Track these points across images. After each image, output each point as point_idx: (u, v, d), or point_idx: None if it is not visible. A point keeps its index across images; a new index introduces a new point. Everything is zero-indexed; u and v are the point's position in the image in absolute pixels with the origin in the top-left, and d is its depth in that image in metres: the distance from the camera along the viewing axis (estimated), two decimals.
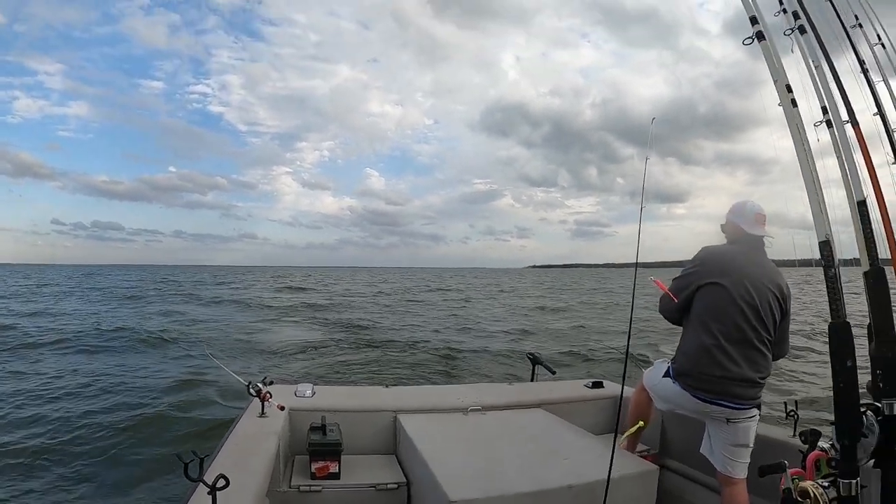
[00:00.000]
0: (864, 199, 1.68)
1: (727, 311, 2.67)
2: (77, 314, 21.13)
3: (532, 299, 35.25)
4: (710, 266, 2.77)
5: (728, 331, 2.65)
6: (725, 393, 2.65)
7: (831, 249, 1.50)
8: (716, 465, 2.77)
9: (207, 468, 2.12)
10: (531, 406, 3.71)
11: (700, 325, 2.75)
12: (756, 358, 2.67)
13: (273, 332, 17.09)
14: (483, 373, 10.75)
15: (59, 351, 12.17)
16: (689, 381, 2.75)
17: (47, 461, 5.63)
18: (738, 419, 2.69)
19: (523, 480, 2.52)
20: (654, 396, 3.06)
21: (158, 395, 8.32)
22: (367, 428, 3.37)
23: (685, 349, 2.83)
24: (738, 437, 2.70)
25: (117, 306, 25.25)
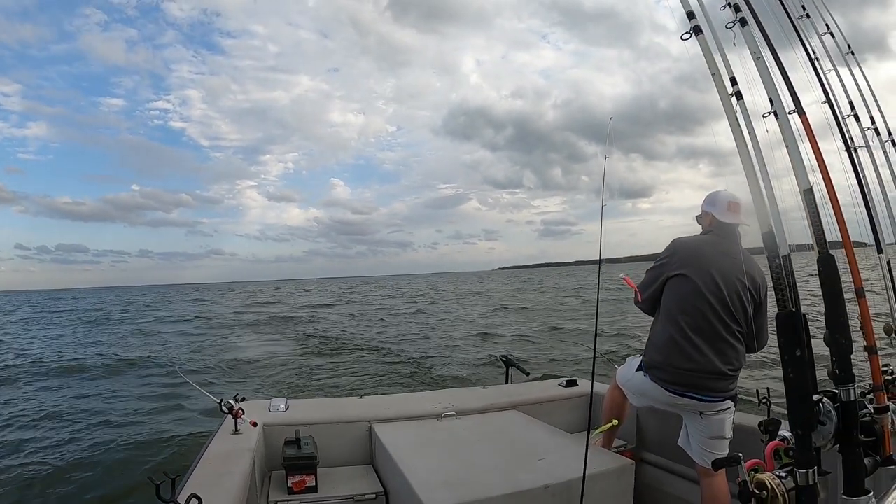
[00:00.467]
0: (811, 186, 1.66)
1: (694, 302, 2.64)
2: (42, 341, 20.91)
3: (500, 300, 35.47)
4: (679, 257, 2.75)
5: (695, 323, 2.63)
6: (695, 386, 2.63)
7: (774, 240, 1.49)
8: (694, 457, 2.76)
9: (181, 489, 2.11)
10: (505, 408, 3.70)
11: (668, 317, 2.73)
12: (725, 350, 2.64)
13: (244, 348, 16.97)
14: (457, 377, 10.71)
15: (26, 379, 11.95)
16: (659, 374, 2.74)
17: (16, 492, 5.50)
18: (711, 412, 2.67)
19: (499, 483, 2.50)
20: (629, 393, 3.03)
21: (129, 417, 8.25)
22: (342, 439, 3.33)
23: (654, 341, 2.81)
24: (713, 430, 2.68)
25: (87, 331, 25.01)
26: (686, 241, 2.87)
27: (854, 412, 1.55)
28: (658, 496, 3.28)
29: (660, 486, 3.31)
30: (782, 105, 1.82)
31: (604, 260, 2.55)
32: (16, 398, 9.86)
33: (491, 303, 33.11)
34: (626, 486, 2.76)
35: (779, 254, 1.46)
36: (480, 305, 31.71)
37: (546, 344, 15.06)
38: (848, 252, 1.91)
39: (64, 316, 35.52)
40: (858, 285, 2.07)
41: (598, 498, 2.53)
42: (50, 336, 22.66)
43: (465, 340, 16.66)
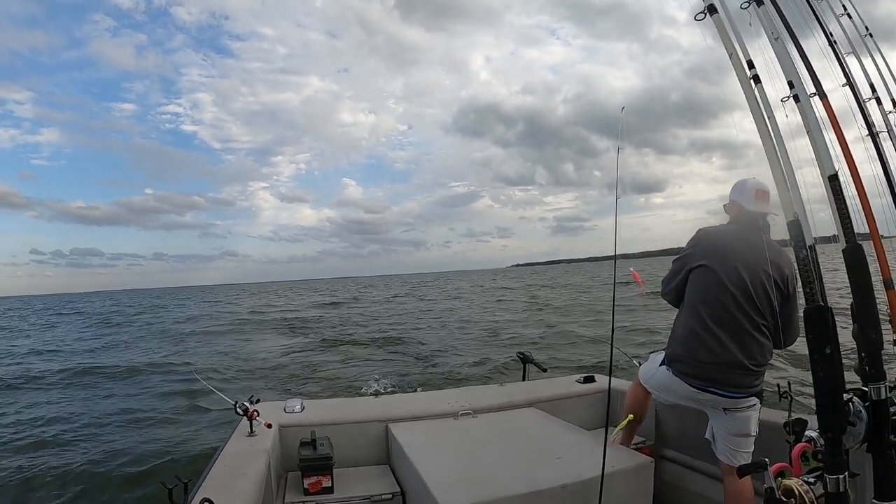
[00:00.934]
0: (836, 172, 1.54)
1: (716, 294, 2.53)
2: (60, 343, 21.19)
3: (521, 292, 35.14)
4: (702, 248, 2.64)
5: (717, 315, 2.52)
6: (717, 380, 2.52)
7: (801, 229, 1.37)
8: (718, 454, 2.65)
9: (195, 492, 2.07)
10: (522, 406, 3.61)
11: (690, 309, 2.63)
12: (748, 344, 2.51)
13: (259, 349, 17.01)
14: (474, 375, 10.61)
15: (42, 385, 12.01)
16: (680, 368, 2.63)
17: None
18: (735, 408, 2.55)
19: (516, 483, 2.43)
20: (652, 389, 2.93)
21: (145, 421, 8.23)
22: (358, 439, 3.27)
23: (676, 334, 2.71)
24: (738, 427, 2.57)
25: (106, 334, 25.26)
26: (710, 231, 2.74)
27: (886, 411, 1.42)
28: (678, 493, 3.18)
29: (680, 483, 3.21)
30: (803, 88, 1.71)
31: (618, 256, 2.46)
32: (31, 400, 9.97)
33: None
34: (646, 484, 2.67)
35: (805, 244, 1.35)
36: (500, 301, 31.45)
37: (560, 340, 14.90)
38: (876, 242, 1.80)
39: (80, 317, 35.88)
40: (887, 276, 1.95)
41: (617, 496, 2.45)
42: (68, 338, 22.91)
43: (481, 338, 16.54)
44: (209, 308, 41.30)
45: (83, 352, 18.15)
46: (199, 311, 38.33)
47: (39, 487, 5.73)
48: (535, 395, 3.76)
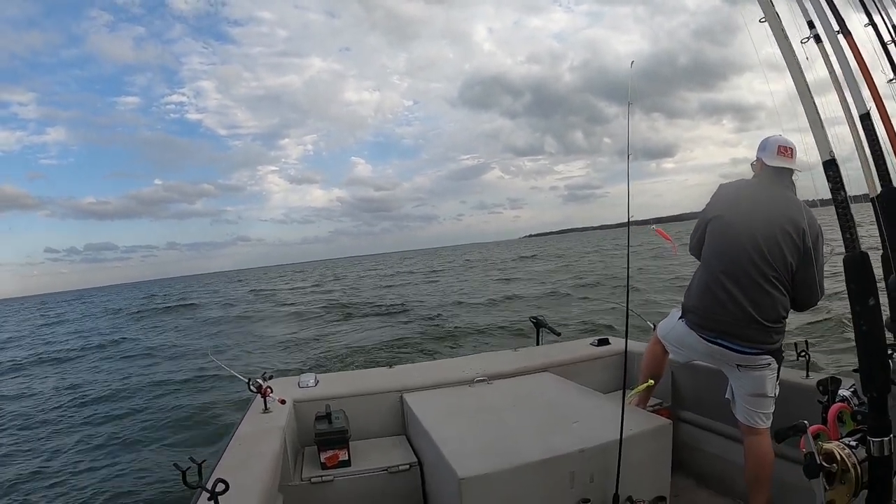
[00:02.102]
0: (868, 111, 1.37)
1: (726, 246, 2.43)
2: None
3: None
4: (719, 201, 2.54)
5: (727, 267, 2.41)
6: (727, 333, 2.41)
7: (838, 170, 1.21)
8: (737, 415, 2.53)
9: (212, 471, 2.00)
10: (537, 371, 3.49)
11: (704, 262, 2.54)
12: (760, 299, 2.37)
13: (271, 328, 17.08)
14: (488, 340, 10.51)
15: (59, 368, 12.16)
16: (693, 319, 2.54)
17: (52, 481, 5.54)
18: (749, 365, 2.42)
19: (533, 448, 2.31)
20: (669, 346, 2.83)
21: (161, 403, 8.27)
22: (373, 411, 3.18)
23: (691, 287, 2.62)
24: (754, 386, 2.44)
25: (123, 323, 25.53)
26: (728, 184, 2.64)
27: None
28: (696, 455, 3.07)
29: (697, 445, 3.10)
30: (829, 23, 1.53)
31: (631, 222, 2.34)
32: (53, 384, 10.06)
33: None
34: (665, 446, 2.56)
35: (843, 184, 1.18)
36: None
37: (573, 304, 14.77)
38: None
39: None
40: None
41: (636, 459, 2.34)
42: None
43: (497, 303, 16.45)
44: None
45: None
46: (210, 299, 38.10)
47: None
48: (549, 360, 3.63)
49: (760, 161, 2.51)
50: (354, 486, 2.76)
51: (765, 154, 2.48)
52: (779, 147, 2.44)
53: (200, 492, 1.76)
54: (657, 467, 2.52)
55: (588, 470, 2.30)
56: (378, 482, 2.77)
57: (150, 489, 5.18)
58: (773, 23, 1.38)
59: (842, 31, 1.72)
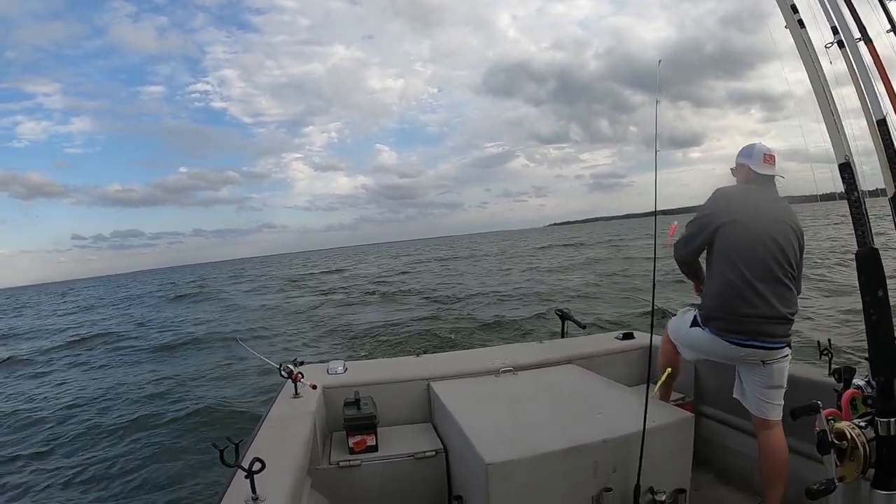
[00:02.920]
0: (884, 117, 1.47)
1: (753, 247, 2.50)
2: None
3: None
4: (728, 205, 2.61)
5: (755, 267, 2.49)
6: (759, 333, 2.48)
7: (853, 171, 1.32)
8: (750, 408, 2.61)
9: (245, 453, 2.08)
10: (562, 362, 3.59)
11: (726, 264, 2.56)
12: (785, 294, 2.50)
13: (302, 314, 17.35)
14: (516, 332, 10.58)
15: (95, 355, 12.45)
16: (720, 325, 2.57)
17: (91, 461, 5.77)
18: (773, 360, 2.51)
19: (557, 438, 2.41)
20: (681, 347, 2.89)
21: (194, 386, 8.52)
22: (400, 398, 3.30)
23: (713, 291, 2.64)
24: (774, 379, 2.53)
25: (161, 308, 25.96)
26: (730, 190, 2.73)
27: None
28: (717, 450, 3.14)
29: (719, 440, 3.17)
30: (850, 33, 1.63)
31: (658, 212, 2.42)
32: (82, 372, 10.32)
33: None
34: (686, 440, 2.63)
35: (857, 185, 1.29)
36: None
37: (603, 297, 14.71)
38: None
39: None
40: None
41: (658, 451, 2.42)
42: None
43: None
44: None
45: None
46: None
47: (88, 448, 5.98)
48: (574, 352, 3.72)
49: (746, 167, 2.67)
50: (381, 470, 2.87)
51: (752, 161, 2.64)
52: (764, 156, 2.63)
53: (236, 470, 1.88)
54: (678, 460, 2.60)
55: (611, 460, 2.38)
56: (404, 468, 2.88)
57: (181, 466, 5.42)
58: (795, 33, 1.49)
59: (863, 38, 1.82)
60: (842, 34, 1.72)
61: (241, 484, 1.85)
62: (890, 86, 1.79)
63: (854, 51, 1.60)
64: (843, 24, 1.68)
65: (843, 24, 1.68)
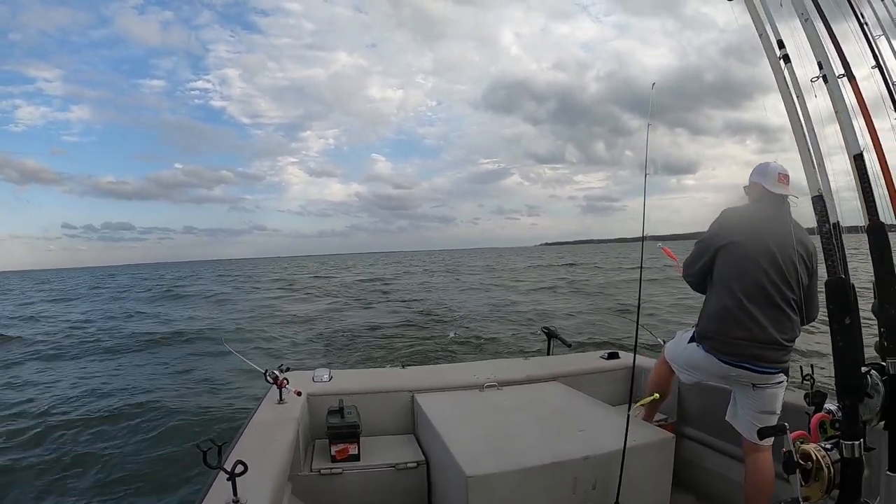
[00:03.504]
0: (861, 151, 1.54)
1: (748, 270, 2.53)
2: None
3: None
4: (731, 226, 2.64)
5: (750, 290, 2.51)
6: (750, 356, 2.51)
7: (824, 205, 1.39)
8: (742, 432, 2.64)
9: (227, 456, 2.11)
10: (547, 379, 3.64)
11: (722, 286, 2.61)
12: (780, 319, 2.51)
13: (290, 320, 17.28)
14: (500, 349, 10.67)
15: (79, 355, 12.34)
16: (713, 345, 2.62)
17: (71, 463, 5.69)
18: (765, 385, 2.55)
19: (539, 453, 2.46)
20: (677, 368, 2.92)
21: (176, 388, 8.46)
22: (385, 409, 3.34)
23: (708, 311, 2.69)
24: (765, 404, 2.56)
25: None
26: (736, 209, 2.74)
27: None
28: (697, 471, 3.19)
29: (699, 462, 3.22)
30: (832, 69, 1.70)
31: (647, 237, 2.46)
32: (66, 372, 10.25)
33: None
34: (667, 460, 2.68)
35: (829, 218, 1.36)
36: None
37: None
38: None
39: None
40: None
41: (637, 470, 2.47)
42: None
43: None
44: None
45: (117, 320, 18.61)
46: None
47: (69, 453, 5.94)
48: (559, 370, 3.78)
49: (759, 186, 2.66)
50: (362, 480, 2.90)
51: (765, 180, 2.63)
52: (779, 175, 2.60)
53: (218, 472, 1.91)
54: (658, 480, 2.65)
55: (591, 477, 2.43)
56: (385, 478, 2.91)
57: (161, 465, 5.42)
58: (775, 68, 1.56)
59: (847, 74, 1.90)
60: (825, 69, 1.80)
61: (222, 486, 1.87)
62: (870, 121, 1.87)
63: (835, 86, 1.68)
64: (826, 60, 1.75)
65: (826, 61, 1.75)
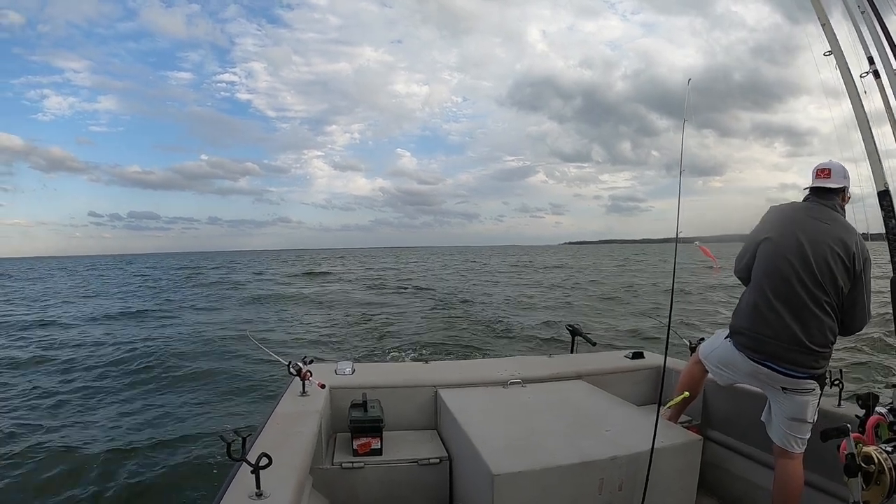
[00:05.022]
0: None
1: (777, 267, 2.48)
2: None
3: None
4: (769, 222, 2.61)
5: (778, 288, 2.47)
6: (774, 355, 2.46)
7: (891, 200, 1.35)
8: (773, 437, 2.59)
9: (250, 448, 2.10)
10: (571, 377, 3.61)
11: (754, 282, 2.59)
12: (809, 321, 2.42)
13: (311, 314, 17.34)
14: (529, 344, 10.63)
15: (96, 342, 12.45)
16: (742, 341, 2.59)
17: (90, 456, 5.71)
18: (794, 389, 2.48)
19: (566, 452, 2.43)
20: (710, 367, 2.87)
21: (200, 379, 8.50)
22: (407, 403, 3.32)
23: (739, 307, 2.67)
24: (795, 410, 2.49)
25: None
26: (780, 206, 2.68)
27: None
28: (721, 475, 3.14)
29: (724, 465, 3.17)
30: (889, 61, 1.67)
31: (678, 239, 2.42)
32: (92, 361, 10.32)
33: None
34: (693, 462, 2.64)
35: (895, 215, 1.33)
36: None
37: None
38: None
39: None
40: None
41: (664, 472, 2.43)
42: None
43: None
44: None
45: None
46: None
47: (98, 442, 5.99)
48: (583, 368, 3.74)
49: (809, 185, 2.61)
50: (384, 474, 2.89)
51: (811, 179, 2.58)
52: (817, 170, 2.53)
53: (241, 463, 1.90)
54: (684, 483, 2.61)
55: (617, 478, 2.40)
56: (407, 473, 2.90)
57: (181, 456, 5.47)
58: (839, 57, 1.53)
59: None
60: (878, 64, 1.76)
61: (245, 478, 1.86)
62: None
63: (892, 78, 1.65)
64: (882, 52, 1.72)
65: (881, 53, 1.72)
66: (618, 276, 29.05)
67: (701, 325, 11.63)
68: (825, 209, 2.50)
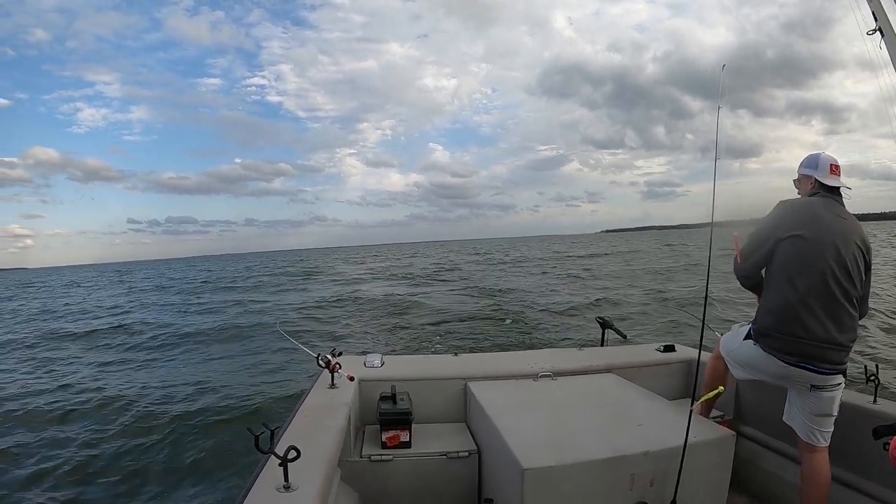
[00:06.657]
0: None
1: (814, 264, 2.42)
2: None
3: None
4: (793, 218, 2.53)
5: (815, 286, 2.41)
6: (811, 356, 2.42)
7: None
8: (798, 433, 2.57)
9: (278, 440, 2.12)
10: (602, 371, 3.57)
11: (785, 280, 2.50)
12: (843, 318, 2.42)
13: (341, 305, 17.64)
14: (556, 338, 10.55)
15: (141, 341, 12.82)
16: (771, 343, 2.52)
17: (126, 447, 5.94)
18: (823, 386, 2.46)
19: (597, 447, 2.40)
20: (731, 363, 2.83)
21: (231, 373, 8.71)
22: (436, 396, 3.33)
23: (768, 307, 2.58)
24: (823, 406, 2.48)
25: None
26: (796, 202, 2.64)
27: None
28: (753, 471, 3.08)
29: (756, 461, 3.11)
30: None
31: (713, 223, 2.38)
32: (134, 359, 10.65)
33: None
34: (726, 458, 2.59)
35: None
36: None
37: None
38: None
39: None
40: None
41: (696, 468, 2.39)
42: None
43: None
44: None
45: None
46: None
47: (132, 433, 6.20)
48: (614, 361, 3.70)
49: (812, 179, 2.60)
50: (412, 467, 2.90)
51: (818, 173, 2.57)
52: (831, 166, 2.55)
53: (269, 456, 1.92)
54: (716, 479, 2.57)
55: (649, 473, 2.36)
56: (436, 466, 2.91)
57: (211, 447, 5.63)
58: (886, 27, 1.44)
59: None
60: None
61: (274, 470, 1.88)
62: None
63: None
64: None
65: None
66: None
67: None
68: (839, 205, 2.54)
